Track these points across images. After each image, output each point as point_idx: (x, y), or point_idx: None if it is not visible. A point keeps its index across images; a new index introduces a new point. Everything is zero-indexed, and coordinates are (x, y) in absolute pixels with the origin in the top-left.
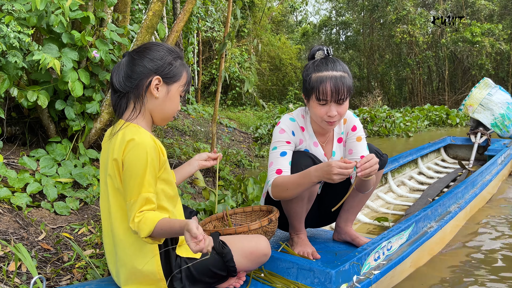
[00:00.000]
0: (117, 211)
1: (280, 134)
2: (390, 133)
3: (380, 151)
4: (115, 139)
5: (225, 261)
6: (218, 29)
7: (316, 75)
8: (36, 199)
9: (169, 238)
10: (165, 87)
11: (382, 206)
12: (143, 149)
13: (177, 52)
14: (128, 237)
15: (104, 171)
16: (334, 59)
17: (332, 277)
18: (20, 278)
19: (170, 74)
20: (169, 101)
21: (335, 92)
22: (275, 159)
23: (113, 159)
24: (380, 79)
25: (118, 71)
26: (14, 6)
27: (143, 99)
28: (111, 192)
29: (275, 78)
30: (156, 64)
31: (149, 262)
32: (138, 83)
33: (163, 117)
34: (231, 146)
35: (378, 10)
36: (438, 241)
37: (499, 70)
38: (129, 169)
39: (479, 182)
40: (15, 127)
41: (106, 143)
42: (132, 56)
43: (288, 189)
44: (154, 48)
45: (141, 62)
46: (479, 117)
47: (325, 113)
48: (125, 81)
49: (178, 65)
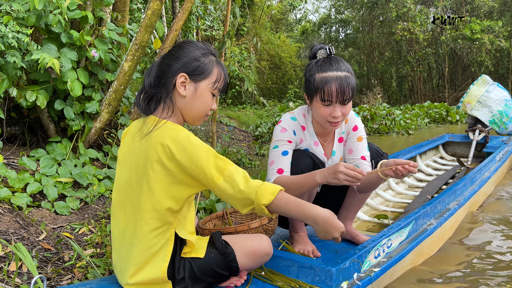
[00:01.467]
0: (148, 211)
1: (281, 133)
2: (390, 130)
3: (380, 149)
4: (153, 140)
5: (228, 261)
6: (217, 27)
7: (320, 75)
8: (37, 199)
9: (179, 243)
10: (192, 85)
11: (382, 204)
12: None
13: (208, 49)
14: (149, 241)
15: (133, 168)
16: (337, 58)
17: (333, 275)
18: (21, 278)
19: (197, 71)
20: (198, 100)
21: (341, 93)
22: (276, 158)
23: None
24: (380, 76)
25: (150, 73)
26: (13, 6)
27: (172, 98)
28: (148, 192)
29: (275, 77)
30: (182, 61)
31: (158, 266)
32: (166, 81)
33: (193, 116)
34: (231, 145)
35: (378, 8)
36: (437, 238)
37: (499, 67)
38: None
39: (478, 179)
40: (15, 127)
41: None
42: (163, 57)
43: (290, 189)
44: (183, 45)
45: (169, 61)
46: (477, 114)
47: (329, 114)
48: (154, 82)
49: (207, 61)
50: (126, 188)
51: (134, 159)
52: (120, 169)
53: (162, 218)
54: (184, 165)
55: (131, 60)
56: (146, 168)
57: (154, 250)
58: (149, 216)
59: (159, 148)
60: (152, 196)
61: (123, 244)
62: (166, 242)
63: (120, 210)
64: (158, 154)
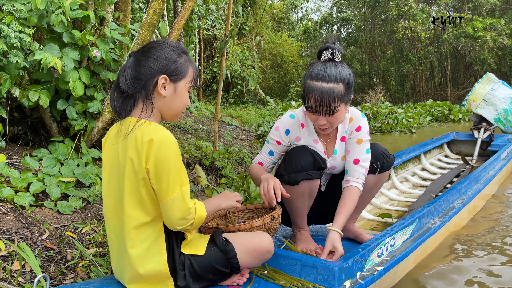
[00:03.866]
0: (131, 210)
1: (274, 131)
2: (392, 129)
3: (386, 151)
4: (132, 138)
5: (228, 258)
6: (219, 27)
7: (308, 82)
8: (39, 198)
9: (175, 237)
10: (172, 85)
11: (386, 203)
12: (171, 145)
13: (181, 48)
14: (138, 236)
15: (115, 170)
16: (334, 64)
17: (336, 274)
18: (24, 277)
19: (176, 72)
20: (177, 98)
21: (320, 105)
22: (264, 153)
23: (129, 158)
24: (382, 75)
25: (124, 73)
26: (15, 6)
27: (152, 99)
28: (129, 190)
29: (277, 76)
30: (161, 64)
31: (157, 261)
32: (145, 83)
33: (172, 114)
34: (233, 144)
35: (379, 6)
36: (441, 237)
37: (502, 65)
38: (164, 167)
39: (482, 177)
40: (18, 127)
41: (115, 141)
42: (137, 57)
43: (253, 179)
44: (158, 47)
45: (146, 63)
46: (482, 113)
47: (314, 121)
48: (132, 83)
49: (183, 61)
50: (114, 191)
51: (116, 160)
52: (106, 174)
53: (147, 213)
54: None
55: None
56: (126, 168)
57: (146, 245)
58: (133, 213)
59: (138, 147)
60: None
61: (120, 247)
62: (157, 236)
63: (112, 215)
64: (137, 153)
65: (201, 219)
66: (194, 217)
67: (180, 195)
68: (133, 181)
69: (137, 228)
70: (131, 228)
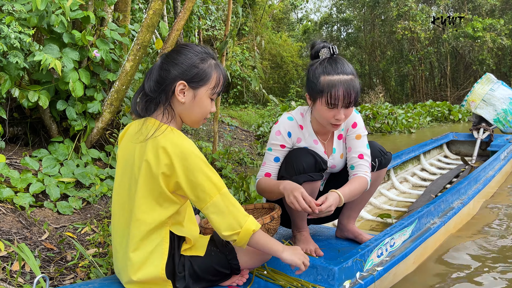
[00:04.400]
0: (142, 214)
1: (276, 136)
2: (392, 129)
3: (383, 149)
4: (154, 143)
5: (228, 259)
6: (219, 27)
7: (326, 78)
8: (39, 199)
9: (177, 240)
10: (191, 92)
11: (385, 203)
12: (198, 153)
13: (206, 53)
14: (143, 240)
15: (129, 169)
16: (341, 59)
17: (335, 274)
18: (23, 277)
19: (196, 78)
20: (197, 106)
21: (347, 97)
22: (268, 161)
23: (146, 160)
24: (381, 75)
25: (150, 76)
26: (15, 7)
27: (171, 104)
28: (142, 194)
29: (277, 76)
30: (181, 68)
31: (156, 265)
32: (165, 88)
33: (192, 121)
34: (233, 144)
35: (379, 6)
36: (441, 237)
37: (501, 65)
38: (194, 179)
39: (482, 177)
40: (17, 128)
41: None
42: (162, 61)
43: (264, 192)
44: (182, 51)
45: (167, 67)
46: (481, 113)
47: (332, 117)
48: (154, 86)
49: (205, 67)
50: (124, 190)
51: (131, 160)
52: (119, 170)
53: (155, 219)
54: (180, 175)
55: (133, 60)
56: (141, 171)
57: (149, 249)
58: (143, 217)
59: (159, 154)
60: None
61: (122, 245)
62: (161, 241)
63: (119, 212)
64: (156, 159)
65: (247, 233)
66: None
67: (221, 198)
68: (149, 184)
69: (144, 230)
70: (138, 230)
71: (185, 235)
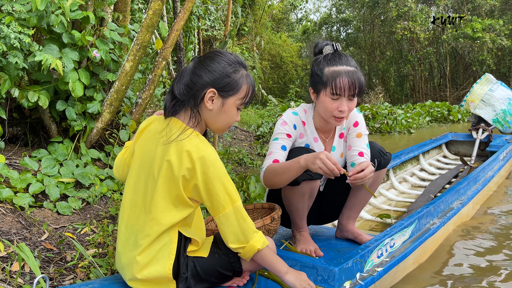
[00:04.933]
0: (160, 212)
1: (282, 126)
2: (392, 130)
3: (383, 149)
4: (178, 145)
5: (231, 262)
6: (218, 27)
7: (330, 69)
8: (39, 199)
9: (183, 241)
10: (220, 100)
11: (384, 203)
12: (220, 163)
13: (239, 63)
14: (155, 238)
15: (147, 168)
16: (344, 54)
17: (336, 275)
18: (23, 278)
19: (227, 88)
20: (224, 114)
21: (352, 85)
22: (275, 149)
23: (167, 160)
24: (381, 76)
25: (180, 79)
26: (14, 7)
27: (199, 109)
28: (161, 194)
29: (276, 76)
30: (213, 76)
31: (163, 264)
32: (195, 93)
33: (217, 128)
34: (232, 145)
35: (379, 7)
36: (440, 238)
37: (501, 66)
38: (212, 187)
39: (481, 178)
40: (17, 128)
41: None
42: (194, 65)
43: (277, 173)
44: (216, 58)
45: (200, 72)
46: (480, 113)
47: (335, 108)
48: (184, 90)
49: (237, 77)
50: (139, 187)
51: (152, 160)
52: (135, 167)
53: (170, 220)
54: (200, 181)
55: (133, 60)
56: (161, 171)
57: (157, 247)
58: (159, 216)
59: (183, 157)
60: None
61: (129, 241)
62: (169, 241)
63: (129, 207)
64: (179, 162)
65: (252, 249)
66: (248, 241)
67: (233, 211)
68: (168, 185)
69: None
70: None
71: (193, 237)
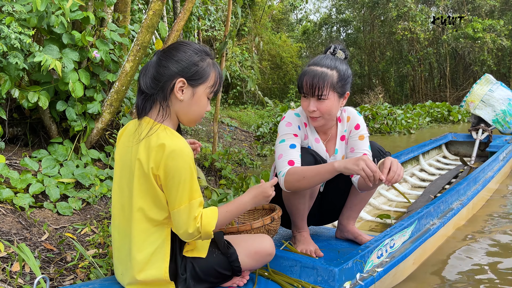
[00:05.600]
0: (140, 211)
1: (287, 127)
2: (391, 130)
3: (383, 149)
4: (147, 142)
5: (230, 261)
6: (218, 28)
7: (305, 68)
8: (39, 199)
9: (179, 242)
10: (190, 90)
11: (384, 203)
12: (186, 156)
13: (205, 52)
14: (145, 240)
15: (127, 169)
16: (334, 57)
17: (336, 275)
18: (23, 278)
19: (196, 76)
20: (195, 104)
21: (310, 86)
22: (285, 151)
23: (138, 159)
24: (381, 76)
25: (145, 73)
26: (15, 7)
27: (168, 102)
28: (138, 193)
29: (276, 77)
30: (181, 66)
31: (159, 267)
32: (163, 85)
33: (189, 119)
34: (232, 145)
35: (379, 7)
36: (440, 238)
37: (501, 66)
38: (174, 178)
39: (481, 178)
40: (17, 128)
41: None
42: (159, 57)
43: (305, 177)
44: (181, 48)
45: (166, 64)
46: (480, 114)
47: (306, 107)
48: (151, 83)
49: (205, 66)
50: (124, 191)
51: (129, 160)
52: (117, 172)
53: (154, 218)
54: (161, 172)
55: (133, 61)
56: (135, 170)
57: (151, 249)
58: (141, 217)
59: (150, 152)
60: (140, 198)
61: (123, 247)
62: (163, 242)
63: (119, 212)
64: (147, 158)
65: (207, 234)
66: (200, 233)
67: (187, 209)
68: (143, 184)
69: (145, 231)
70: (138, 231)
71: None
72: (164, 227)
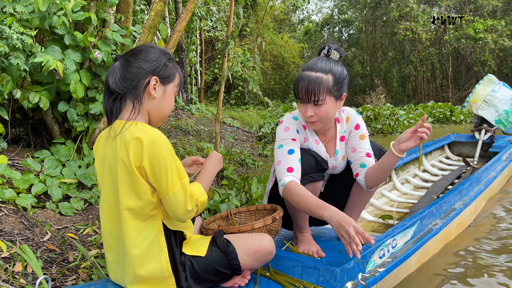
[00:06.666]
0: (128, 210)
1: (284, 132)
2: (394, 130)
3: (382, 148)
4: (122, 140)
5: (229, 259)
6: (220, 28)
7: (299, 73)
8: (41, 200)
9: (173, 236)
10: (162, 87)
11: (386, 204)
12: (162, 141)
13: (169, 54)
14: (138, 236)
15: (108, 174)
16: (328, 60)
17: (337, 275)
18: (25, 278)
19: (166, 75)
20: (166, 101)
21: (306, 93)
22: (283, 157)
23: (120, 159)
24: (383, 76)
25: (113, 74)
26: (17, 8)
27: (142, 99)
28: (123, 192)
29: (278, 77)
30: (153, 65)
31: (158, 259)
32: (136, 84)
33: (160, 117)
34: (234, 145)
35: (381, 8)
36: (443, 239)
37: (503, 66)
38: (160, 164)
39: (484, 179)
40: (19, 129)
41: (104, 144)
42: (126, 59)
43: (298, 204)
44: (149, 50)
45: (137, 64)
46: (483, 114)
47: (303, 112)
48: (121, 83)
49: (172, 66)
50: (108, 195)
51: (107, 164)
52: (100, 180)
53: (142, 213)
54: (145, 163)
55: None
56: (118, 170)
57: (146, 243)
58: (129, 215)
59: (128, 148)
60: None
61: (118, 250)
62: (156, 235)
63: (108, 219)
64: (126, 155)
65: (203, 204)
66: (197, 205)
67: (181, 188)
68: (128, 182)
69: (136, 228)
70: (129, 228)
71: (179, 229)
72: (154, 219)
